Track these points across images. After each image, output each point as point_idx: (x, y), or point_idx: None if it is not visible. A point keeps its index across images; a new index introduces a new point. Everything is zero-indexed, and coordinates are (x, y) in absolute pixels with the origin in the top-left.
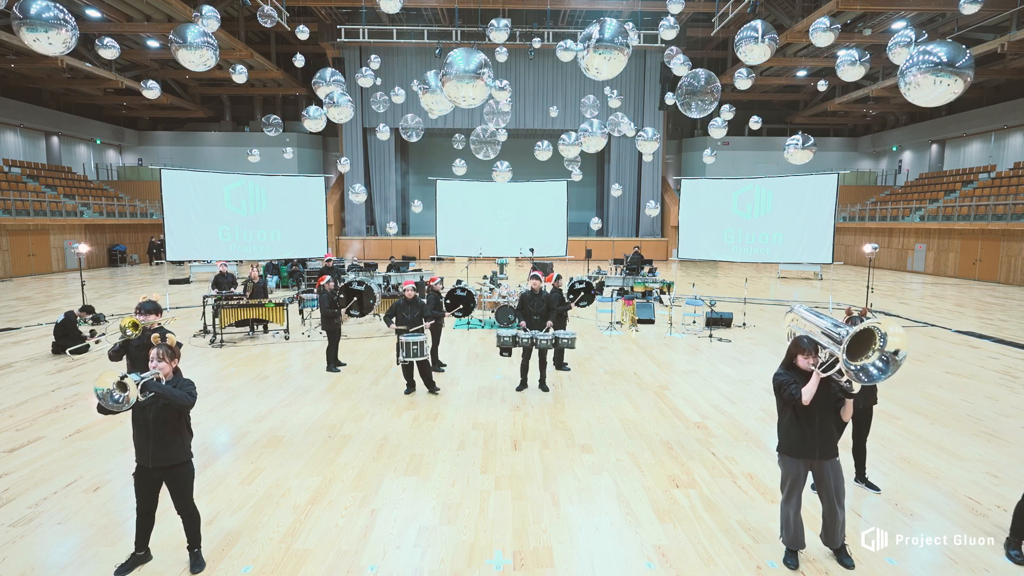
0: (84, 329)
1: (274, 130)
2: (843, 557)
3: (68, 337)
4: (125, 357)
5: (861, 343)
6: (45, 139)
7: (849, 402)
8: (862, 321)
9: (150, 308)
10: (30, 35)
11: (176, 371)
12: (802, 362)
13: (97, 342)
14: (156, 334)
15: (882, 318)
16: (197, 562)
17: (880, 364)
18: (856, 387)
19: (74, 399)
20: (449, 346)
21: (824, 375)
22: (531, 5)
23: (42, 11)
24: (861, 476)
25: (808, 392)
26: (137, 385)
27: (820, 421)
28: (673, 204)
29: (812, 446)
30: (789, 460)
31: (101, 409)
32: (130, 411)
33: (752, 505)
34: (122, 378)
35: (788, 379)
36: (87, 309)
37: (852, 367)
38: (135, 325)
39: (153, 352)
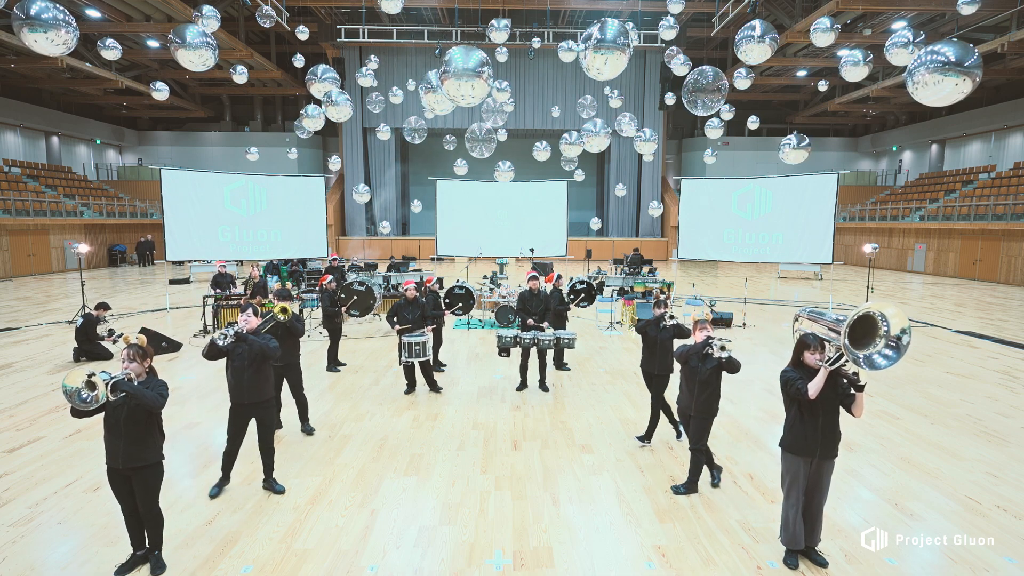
0: (102, 329)
1: (304, 132)
2: (816, 556)
3: (89, 340)
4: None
5: (865, 332)
6: (45, 139)
7: (860, 396)
8: (663, 302)
9: (285, 295)
10: (31, 35)
11: (151, 371)
12: (809, 358)
13: (115, 342)
14: (127, 335)
15: (872, 302)
16: (158, 564)
17: (887, 351)
18: (864, 379)
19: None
20: (449, 346)
21: (831, 368)
22: (531, 5)
23: (42, 11)
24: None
25: (815, 387)
26: (107, 385)
27: (824, 420)
28: (673, 204)
29: (814, 445)
30: (790, 457)
31: (75, 412)
32: (103, 412)
33: (752, 505)
34: (90, 376)
35: (794, 375)
36: (103, 306)
37: (859, 356)
38: (284, 311)
39: (124, 352)
